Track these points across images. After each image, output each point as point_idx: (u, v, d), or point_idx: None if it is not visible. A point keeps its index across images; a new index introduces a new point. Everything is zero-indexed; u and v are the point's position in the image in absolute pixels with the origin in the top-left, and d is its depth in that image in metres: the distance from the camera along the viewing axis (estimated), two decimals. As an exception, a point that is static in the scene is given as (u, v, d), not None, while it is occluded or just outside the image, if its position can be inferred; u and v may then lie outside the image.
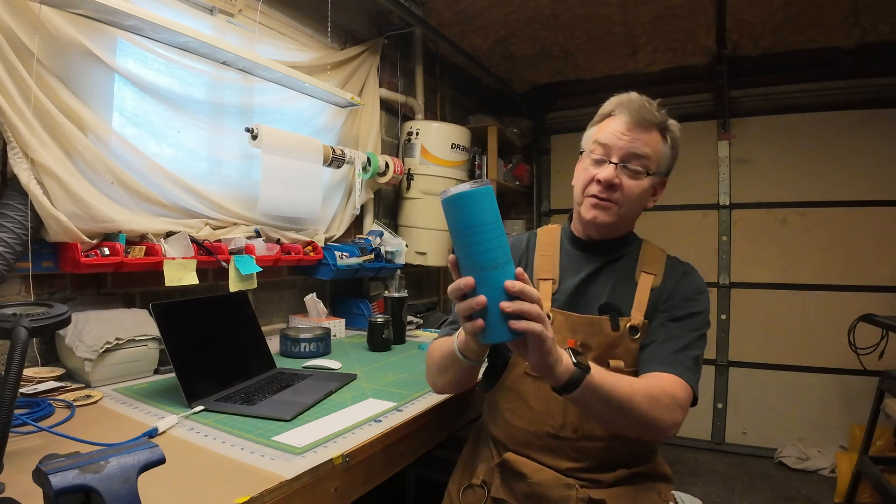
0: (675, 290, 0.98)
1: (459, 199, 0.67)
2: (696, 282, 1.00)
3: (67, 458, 0.48)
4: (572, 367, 0.75)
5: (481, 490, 0.99)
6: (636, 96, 0.98)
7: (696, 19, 2.51)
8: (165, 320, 1.11)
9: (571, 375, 0.75)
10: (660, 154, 0.98)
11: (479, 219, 0.68)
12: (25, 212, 1.14)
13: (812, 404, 2.89)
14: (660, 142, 0.97)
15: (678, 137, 1.01)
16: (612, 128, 0.97)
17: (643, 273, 1.00)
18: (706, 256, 3.08)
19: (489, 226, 0.68)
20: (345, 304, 2.11)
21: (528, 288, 0.69)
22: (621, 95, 1.00)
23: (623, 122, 0.96)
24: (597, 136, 0.99)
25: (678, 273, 1.01)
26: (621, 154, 0.95)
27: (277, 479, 0.74)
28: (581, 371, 0.75)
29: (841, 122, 2.84)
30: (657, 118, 0.96)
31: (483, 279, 0.69)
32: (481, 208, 0.68)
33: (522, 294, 0.68)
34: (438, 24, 2.53)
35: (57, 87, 1.21)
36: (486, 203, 0.68)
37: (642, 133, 0.95)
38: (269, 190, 1.68)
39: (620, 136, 0.95)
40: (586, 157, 1.01)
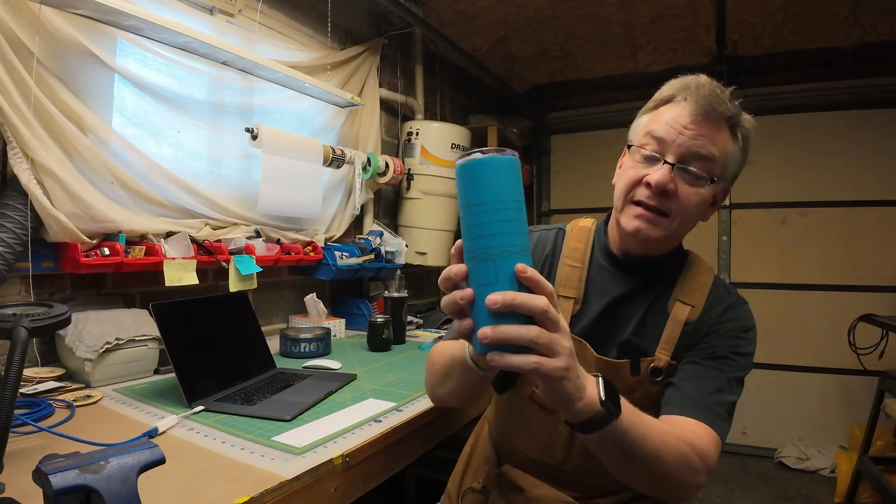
0: (717, 326, 0.81)
1: (461, 170, 0.53)
2: (742, 317, 0.83)
3: (67, 458, 0.48)
4: (598, 407, 0.55)
5: (481, 496, 0.95)
6: (706, 80, 0.79)
7: (696, 19, 2.51)
8: (165, 320, 1.11)
9: (594, 415, 0.56)
10: (727, 156, 0.79)
11: (479, 195, 0.52)
12: (25, 212, 1.14)
13: (812, 404, 2.89)
14: (729, 140, 0.79)
15: (751, 137, 0.82)
16: (671, 117, 0.78)
17: (678, 302, 0.83)
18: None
19: (489, 206, 0.51)
20: (345, 304, 2.11)
21: (519, 300, 0.48)
22: (686, 77, 0.81)
23: (687, 112, 0.77)
24: (650, 127, 0.80)
25: (721, 305, 0.83)
26: (680, 153, 0.77)
27: (277, 479, 0.74)
28: (608, 414, 0.56)
29: (841, 122, 2.84)
30: (730, 110, 0.78)
31: (472, 272, 0.52)
32: (482, 182, 0.52)
33: (513, 308, 0.48)
34: (438, 24, 2.53)
35: (57, 87, 1.21)
36: (491, 177, 0.52)
37: (709, 128, 0.77)
38: (269, 190, 1.68)
39: (682, 129, 0.77)
40: (635, 153, 0.82)
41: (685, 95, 0.79)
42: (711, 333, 0.81)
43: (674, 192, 0.77)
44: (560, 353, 0.50)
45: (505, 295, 0.48)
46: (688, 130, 0.77)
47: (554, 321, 0.50)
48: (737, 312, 0.83)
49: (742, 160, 0.83)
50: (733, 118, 0.79)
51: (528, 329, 0.49)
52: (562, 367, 0.50)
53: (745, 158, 0.83)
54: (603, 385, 0.57)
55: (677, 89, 0.81)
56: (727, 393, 0.76)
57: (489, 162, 0.52)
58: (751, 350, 0.81)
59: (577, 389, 0.53)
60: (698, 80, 0.80)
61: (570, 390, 0.53)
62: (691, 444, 0.66)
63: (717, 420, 0.73)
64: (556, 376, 0.51)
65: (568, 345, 0.51)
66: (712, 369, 0.77)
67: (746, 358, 0.80)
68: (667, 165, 0.77)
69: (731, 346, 0.79)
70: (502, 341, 0.49)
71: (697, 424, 0.71)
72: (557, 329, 0.50)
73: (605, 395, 0.56)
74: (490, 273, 0.50)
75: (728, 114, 0.78)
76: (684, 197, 0.77)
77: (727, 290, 0.86)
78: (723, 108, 0.77)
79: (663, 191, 0.77)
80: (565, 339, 0.51)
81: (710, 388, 0.75)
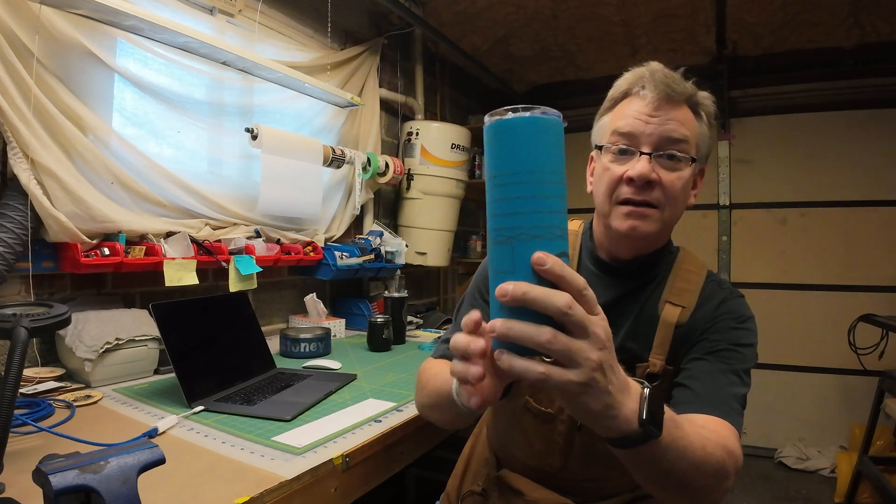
0: (713, 321, 0.79)
1: (486, 132, 0.43)
2: (737, 309, 0.81)
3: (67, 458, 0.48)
4: (634, 426, 0.46)
5: (481, 498, 0.94)
6: (658, 66, 0.79)
7: (696, 19, 2.51)
8: (165, 320, 1.11)
9: (629, 435, 0.47)
10: (698, 135, 0.79)
11: (500, 164, 0.42)
12: (25, 212, 1.14)
13: (812, 404, 2.89)
14: (694, 120, 0.79)
15: (713, 113, 0.82)
16: (634, 110, 0.77)
17: (668, 304, 0.81)
18: (706, 256, 3.03)
19: (510, 177, 0.42)
20: (345, 304, 2.11)
21: (532, 295, 0.40)
22: (637, 69, 0.80)
23: (647, 101, 0.76)
24: (615, 125, 0.79)
25: (714, 301, 0.81)
26: (653, 141, 0.76)
27: (277, 479, 0.74)
28: (645, 435, 0.47)
29: (841, 122, 2.85)
30: (688, 90, 0.78)
31: (490, 257, 0.44)
32: (505, 148, 0.42)
33: (524, 303, 0.40)
34: (438, 24, 2.53)
35: (57, 87, 1.21)
36: (514, 142, 0.41)
37: (674, 111, 0.76)
38: (269, 190, 1.68)
39: (648, 118, 0.76)
40: (606, 153, 0.80)
41: (642, 85, 0.78)
42: (709, 330, 0.79)
43: (657, 181, 0.76)
44: (580, 365, 0.41)
45: (517, 286, 0.40)
46: (654, 118, 0.76)
47: (580, 325, 0.40)
48: (731, 305, 0.81)
49: (711, 136, 0.82)
50: (692, 97, 0.79)
51: (539, 330, 0.40)
52: (578, 381, 0.41)
53: (712, 135, 0.83)
54: (647, 401, 0.47)
55: (632, 82, 0.80)
56: (737, 386, 0.74)
57: (515, 124, 0.42)
58: (752, 341, 0.79)
59: (605, 407, 0.44)
60: (650, 67, 0.79)
61: (595, 408, 0.44)
62: (725, 447, 0.61)
63: (733, 414, 0.70)
64: (569, 391, 0.42)
65: (595, 357, 0.41)
66: (718, 363, 0.75)
67: (750, 349, 0.78)
68: (644, 156, 0.76)
69: (732, 338, 0.77)
70: (510, 340, 0.41)
71: (718, 422, 0.68)
72: (584, 335, 0.41)
73: (647, 413, 0.47)
74: (506, 259, 0.42)
75: (687, 94, 0.78)
76: (668, 184, 0.76)
77: (720, 285, 0.84)
78: (681, 89, 0.77)
79: (647, 182, 0.75)
80: (593, 348, 0.41)
81: (720, 382, 0.73)
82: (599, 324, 0.42)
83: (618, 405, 0.45)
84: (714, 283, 0.84)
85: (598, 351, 0.42)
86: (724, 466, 0.59)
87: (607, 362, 0.43)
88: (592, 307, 0.42)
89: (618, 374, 0.45)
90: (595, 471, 0.84)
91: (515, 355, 0.42)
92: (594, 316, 0.42)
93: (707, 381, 0.73)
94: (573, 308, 0.40)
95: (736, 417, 0.70)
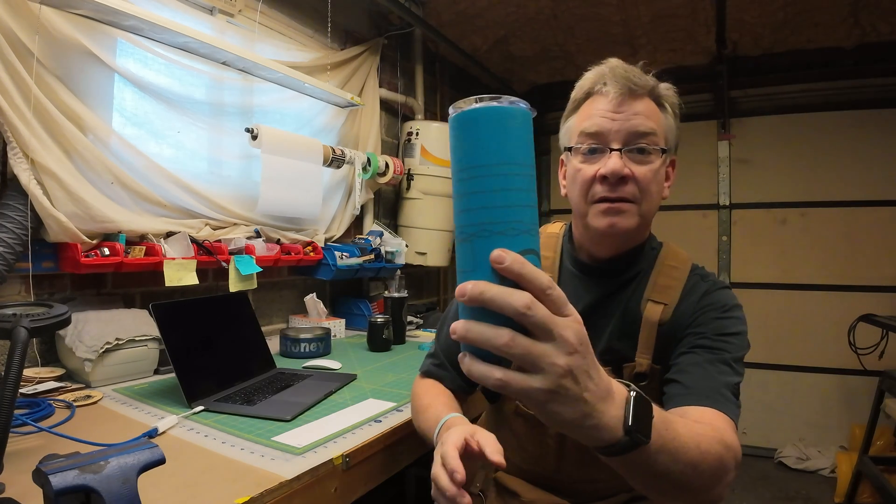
0: (697, 314, 0.79)
1: (450, 124, 0.41)
2: (721, 299, 0.80)
3: (67, 458, 0.48)
4: (619, 434, 0.43)
5: (478, 499, 0.93)
6: (617, 61, 0.80)
7: (696, 19, 2.51)
8: (165, 320, 1.11)
9: (615, 444, 0.44)
10: (664, 126, 0.80)
11: (462, 157, 0.40)
12: (25, 212, 1.14)
13: (812, 404, 2.89)
14: (659, 112, 0.80)
15: (677, 104, 0.83)
16: (598, 109, 0.78)
17: (650, 303, 0.81)
18: (706, 256, 3.07)
19: (469, 171, 0.39)
20: (345, 304, 2.11)
21: (489, 295, 0.37)
22: (597, 67, 0.81)
23: (610, 98, 0.77)
24: (581, 126, 0.80)
25: (696, 294, 0.81)
26: (621, 137, 0.77)
27: (277, 480, 0.74)
28: (632, 443, 0.44)
29: (841, 122, 2.85)
30: (649, 82, 0.79)
31: (456, 255, 0.42)
32: (467, 140, 0.40)
33: (482, 303, 0.37)
34: (438, 24, 2.53)
35: (57, 87, 1.21)
36: (477, 134, 0.39)
37: (637, 104, 0.77)
38: (269, 190, 1.68)
39: (614, 115, 0.77)
40: (576, 154, 0.81)
41: (603, 82, 0.78)
42: (693, 323, 0.78)
43: (630, 175, 0.76)
44: (543, 371, 0.37)
45: (476, 286, 0.37)
46: (619, 114, 0.77)
47: (542, 327, 0.37)
48: (714, 297, 0.80)
49: (677, 126, 0.83)
50: (654, 90, 0.80)
51: (497, 333, 0.37)
52: (542, 389, 0.38)
53: (678, 125, 0.83)
54: (634, 407, 0.44)
55: (593, 81, 0.80)
56: (728, 375, 0.73)
57: (479, 115, 0.39)
58: (740, 329, 0.78)
59: (582, 416, 0.40)
60: (609, 64, 0.80)
61: (569, 417, 0.40)
62: (723, 442, 0.59)
63: (727, 403, 0.69)
64: (534, 399, 0.39)
65: (563, 362, 0.37)
66: (705, 354, 0.75)
67: (738, 337, 0.77)
68: (615, 153, 0.76)
69: (717, 328, 0.77)
70: (469, 342, 0.39)
71: (710, 412, 0.66)
72: (549, 338, 0.37)
73: (633, 420, 0.43)
74: (468, 257, 0.39)
75: (648, 86, 0.78)
76: (642, 177, 0.77)
77: (703, 278, 0.84)
78: (642, 82, 0.78)
79: (621, 178, 0.76)
80: (559, 353, 0.37)
81: (709, 373, 0.72)
82: (569, 326, 0.38)
83: (597, 414, 0.41)
84: (697, 276, 0.84)
85: (567, 356, 0.38)
86: (723, 462, 0.57)
87: (580, 368, 0.39)
88: (560, 308, 0.39)
89: (596, 381, 0.41)
90: (589, 472, 0.84)
91: (477, 359, 0.39)
92: (563, 318, 0.38)
93: (696, 373, 0.72)
94: (533, 308, 0.37)
95: (730, 406, 0.69)
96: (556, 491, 0.88)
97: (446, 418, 0.77)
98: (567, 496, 0.87)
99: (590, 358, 0.40)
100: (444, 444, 0.65)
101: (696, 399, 0.69)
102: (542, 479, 0.89)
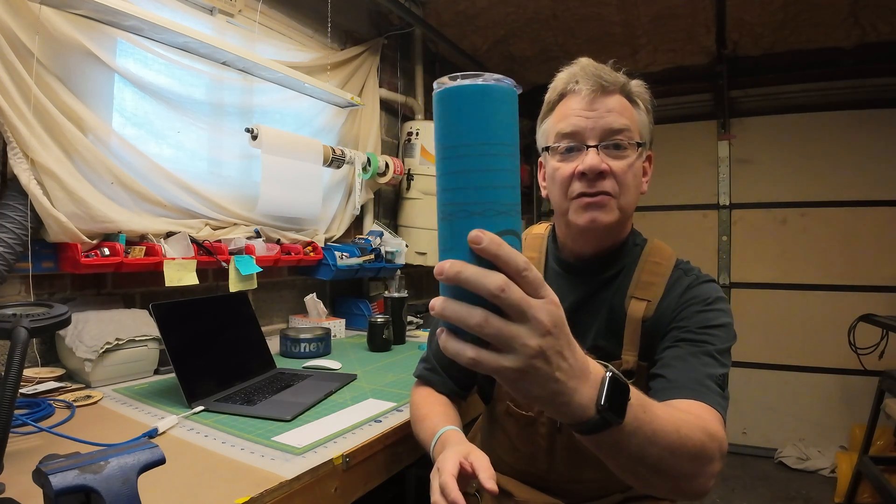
0: (679, 309, 0.79)
1: (435, 101, 0.40)
2: (704, 292, 0.80)
3: (67, 458, 0.48)
4: (591, 413, 0.44)
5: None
6: (588, 61, 0.82)
7: (696, 19, 2.51)
8: (165, 320, 1.11)
9: (586, 421, 0.45)
10: (637, 121, 0.82)
11: (444, 136, 0.40)
12: (25, 212, 1.14)
13: (812, 404, 2.89)
14: (631, 108, 0.82)
15: (649, 99, 0.85)
16: (571, 109, 0.80)
17: (633, 299, 0.82)
18: (706, 256, 3.08)
19: (452, 150, 0.39)
20: (345, 304, 2.11)
21: (465, 275, 0.37)
22: (568, 68, 0.83)
23: (582, 97, 0.79)
24: (557, 127, 0.82)
25: (679, 289, 0.81)
26: (597, 134, 0.78)
27: (277, 480, 0.74)
28: (603, 422, 0.45)
29: (841, 122, 2.85)
30: (619, 79, 0.80)
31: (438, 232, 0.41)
32: (449, 118, 0.39)
33: (458, 282, 0.38)
34: (438, 24, 2.53)
35: (57, 87, 1.21)
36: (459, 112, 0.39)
37: (609, 101, 0.79)
38: (269, 190, 1.68)
39: (587, 114, 0.79)
40: (554, 154, 0.83)
41: (575, 81, 0.80)
42: (676, 318, 0.79)
43: (608, 170, 0.78)
44: (515, 351, 0.38)
45: (453, 265, 0.37)
46: (593, 112, 0.78)
47: (516, 308, 0.37)
48: (697, 290, 0.80)
49: (651, 121, 0.84)
50: (625, 86, 0.81)
51: (471, 312, 0.37)
52: (513, 368, 0.38)
53: (651, 120, 0.85)
54: (608, 386, 0.45)
55: (565, 82, 0.82)
56: (712, 367, 0.72)
57: (462, 92, 0.39)
58: (724, 321, 0.77)
59: (553, 394, 0.41)
60: (580, 63, 0.82)
61: (540, 394, 0.41)
62: (706, 430, 0.58)
63: (711, 395, 0.68)
64: (505, 377, 0.40)
65: (534, 343, 0.38)
66: (689, 347, 0.75)
67: (723, 329, 0.77)
68: (592, 149, 0.78)
69: (700, 321, 0.77)
70: (445, 320, 0.39)
71: (695, 404, 0.66)
72: (523, 319, 0.38)
73: (607, 399, 0.44)
74: (447, 236, 0.39)
75: (619, 83, 0.80)
76: (619, 172, 0.78)
77: (687, 272, 0.84)
78: (612, 78, 0.79)
79: (599, 173, 0.78)
80: (532, 334, 0.38)
81: (692, 365, 0.72)
82: (543, 308, 0.39)
83: (569, 391, 0.42)
84: (680, 271, 0.84)
85: (540, 337, 0.38)
86: (705, 449, 0.57)
87: (553, 348, 0.39)
88: (536, 289, 0.39)
89: (570, 361, 0.42)
90: (581, 472, 0.84)
91: (453, 336, 0.40)
92: (538, 299, 0.39)
93: (680, 367, 0.72)
94: (507, 290, 0.37)
95: (714, 397, 0.68)
96: (549, 491, 0.88)
97: (440, 433, 0.79)
98: (560, 496, 0.88)
99: (563, 339, 0.41)
100: (443, 474, 0.67)
101: (679, 392, 0.69)
102: (535, 479, 0.90)
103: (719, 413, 0.66)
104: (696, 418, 0.60)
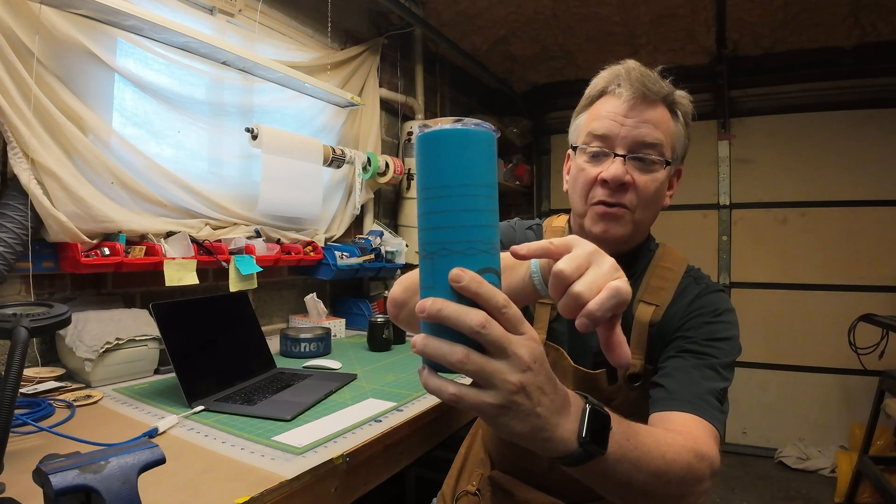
0: (687, 318, 0.78)
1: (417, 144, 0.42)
2: (713, 303, 0.79)
3: (67, 458, 0.48)
4: (573, 446, 0.43)
5: (475, 498, 0.95)
6: (635, 64, 0.79)
7: (696, 19, 2.51)
8: (165, 320, 1.11)
9: (569, 455, 0.44)
10: (673, 136, 0.79)
11: (424, 177, 0.41)
12: (25, 212, 1.14)
13: (812, 404, 2.89)
14: (671, 121, 0.79)
15: (690, 112, 0.82)
16: (609, 110, 0.78)
17: (641, 303, 0.80)
18: (706, 256, 3.08)
19: (432, 191, 0.40)
20: (345, 304, 2.11)
21: (446, 313, 0.38)
22: (614, 66, 0.80)
23: (623, 100, 0.76)
24: (591, 126, 0.80)
25: (688, 297, 0.80)
26: (627, 143, 0.76)
27: (277, 479, 0.74)
28: (586, 455, 0.45)
29: (841, 122, 2.85)
30: (664, 89, 0.77)
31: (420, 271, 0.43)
32: (429, 161, 0.41)
33: (439, 320, 0.38)
34: (438, 24, 2.53)
35: (57, 87, 1.21)
36: (440, 155, 0.40)
37: (649, 112, 0.76)
38: (269, 190, 1.68)
39: (623, 119, 0.76)
40: (581, 154, 0.81)
41: (618, 83, 0.78)
42: (683, 326, 0.77)
43: (631, 183, 0.76)
44: (496, 387, 0.38)
45: (434, 302, 0.38)
46: (629, 120, 0.76)
47: (497, 345, 0.38)
48: (706, 300, 0.79)
49: (687, 136, 0.82)
50: (669, 96, 0.78)
51: (452, 349, 0.38)
52: (494, 404, 0.39)
53: (688, 134, 0.82)
54: (588, 418, 0.44)
55: (608, 80, 0.80)
56: (713, 380, 0.71)
57: (443, 136, 0.40)
58: (731, 334, 0.76)
59: (534, 430, 0.41)
60: (627, 65, 0.79)
61: (522, 430, 0.41)
62: (694, 451, 0.58)
63: (709, 409, 0.68)
64: (486, 413, 0.40)
65: (515, 379, 0.38)
66: (692, 359, 0.74)
67: (728, 342, 0.76)
68: (619, 158, 0.76)
69: (706, 333, 0.76)
70: (426, 357, 0.39)
71: (691, 419, 0.66)
72: (503, 355, 0.38)
73: (588, 431, 0.44)
74: (429, 275, 0.41)
75: (663, 93, 0.77)
76: (642, 186, 0.76)
77: (697, 280, 0.83)
78: (657, 88, 0.77)
79: (621, 184, 0.76)
80: (512, 370, 0.38)
81: (694, 378, 0.71)
82: (524, 344, 0.39)
83: (550, 427, 0.42)
84: (690, 278, 0.83)
85: (520, 373, 0.39)
86: (692, 471, 0.56)
87: (533, 384, 0.40)
88: (516, 326, 0.39)
89: (551, 395, 0.41)
90: None
91: (433, 373, 0.40)
92: (518, 336, 0.39)
93: (681, 378, 0.72)
94: (487, 327, 0.38)
95: (713, 412, 0.68)
96: (550, 490, 0.88)
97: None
98: (561, 495, 0.88)
99: (543, 374, 0.41)
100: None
101: (678, 405, 0.68)
102: (536, 478, 0.90)
103: (716, 428, 0.66)
104: (684, 439, 0.60)
